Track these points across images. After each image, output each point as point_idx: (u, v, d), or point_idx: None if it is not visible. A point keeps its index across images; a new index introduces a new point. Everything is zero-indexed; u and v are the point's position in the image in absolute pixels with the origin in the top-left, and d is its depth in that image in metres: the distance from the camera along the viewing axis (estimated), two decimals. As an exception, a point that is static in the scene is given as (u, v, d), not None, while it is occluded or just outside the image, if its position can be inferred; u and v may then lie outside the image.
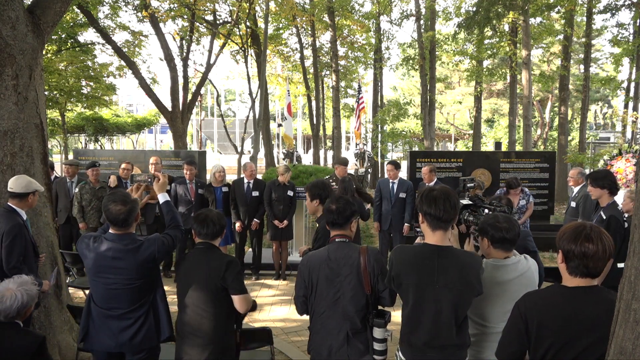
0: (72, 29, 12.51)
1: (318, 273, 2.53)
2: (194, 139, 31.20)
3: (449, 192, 2.25)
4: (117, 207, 2.64)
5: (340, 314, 2.49)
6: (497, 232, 2.49)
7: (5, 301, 2.36)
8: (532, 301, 1.89)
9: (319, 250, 2.66)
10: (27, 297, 2.43)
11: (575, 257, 1.77)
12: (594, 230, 1.78)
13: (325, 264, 2.53)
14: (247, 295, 2.67)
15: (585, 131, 16.04)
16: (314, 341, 2.58)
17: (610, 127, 31.27)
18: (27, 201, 3.26)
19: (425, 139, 15.58)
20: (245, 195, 6.64)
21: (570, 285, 1.82)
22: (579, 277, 1.80)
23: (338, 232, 2.61)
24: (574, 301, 1.79)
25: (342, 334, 2.49)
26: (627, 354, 1.53)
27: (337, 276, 2.50)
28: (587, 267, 1.77)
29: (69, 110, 16.79)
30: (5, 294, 2.37)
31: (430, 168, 6.51)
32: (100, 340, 2.73)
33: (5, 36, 3.34)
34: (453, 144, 37.53)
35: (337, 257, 2.52)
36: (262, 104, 12.28)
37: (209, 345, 2.63)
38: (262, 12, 13.41)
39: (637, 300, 1.53)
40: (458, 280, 2.18)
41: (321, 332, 2.54)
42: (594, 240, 1.74)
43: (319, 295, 2.53)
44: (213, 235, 2.72)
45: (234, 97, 47.18)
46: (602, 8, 15.48)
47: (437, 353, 2.22)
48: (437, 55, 17.54)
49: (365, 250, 2.53)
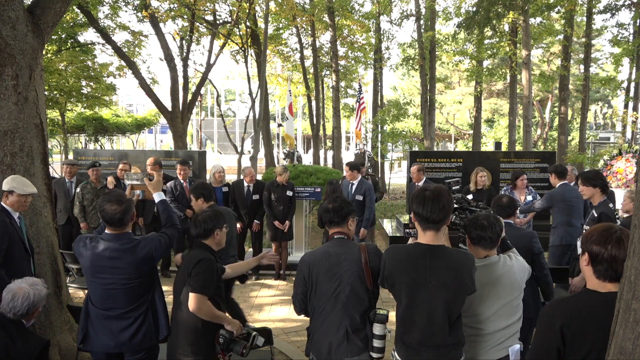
0: (72, 29, 12.50)
1: (318, 269, 2.54)
2: (194, 139, 31.20)
3: (441, 192, 2.22)
4: (112, 207, 2.65)
5: (340, 309, 2.49)
6: (475, 230, 2.50)
7: (17, 299, 2.45)
8: (567, 311, 1.75)
9: (319, 248, 2.68)
10: (37, 297, 2.53)
11: (605, 261, 1.70)
12: (625, 233, 1.71)
13: (325, 259, 2.54)
14: (200, 296, 2.54)
15: (585, 131, 16.06)
16: (314, 339, 2.58)
17: (610, 127, 31.27)
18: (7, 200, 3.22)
19: (425, 139, 15.58)
20: (246, 199, 6.66)
21: (603, 291, 1.74)
22: (608, 281, 1.72)
23: (336, 229, 2.63)
24: (610, 309, 1.69)
25: (342, 331, 2.49)
26: (627, 354, 1.53)
27: (338, 271, 2.51)
28: (616, 272, 1.69)
29: (69, 110, 16.77)
30: (18, 292, 2.47)
31: (418, 167, 6.50)
32: (100, 341, 2.73)
33: (5, 36, 3.34)
34: (453, 144, 37.55)
35: (338, 252, 2.54)
36: (262, 104, 12.28)
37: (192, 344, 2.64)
38: (262, 12, 13.41)
39: (637, 300, 1.53)
40: (451, 280, 2.18)
41: (321, 330, 2.54)
42: (624, 244, 1.67)
43: (319, 291, 2.54)
44: (202, 235, 2.77)
45: (234, 97, 47.19)
46: (602, 8, 15.50)
47: (432, 352, 2.22)
48: (437, 55, 17.54)
49: (365, 248, 2.54)
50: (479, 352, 2.47)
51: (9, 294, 2.49)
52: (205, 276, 2.58)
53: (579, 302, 1.77)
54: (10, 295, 2.48)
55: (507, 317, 2.47)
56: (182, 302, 2.67)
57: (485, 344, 2.45)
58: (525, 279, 2.55)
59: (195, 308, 2.53)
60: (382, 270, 2.36)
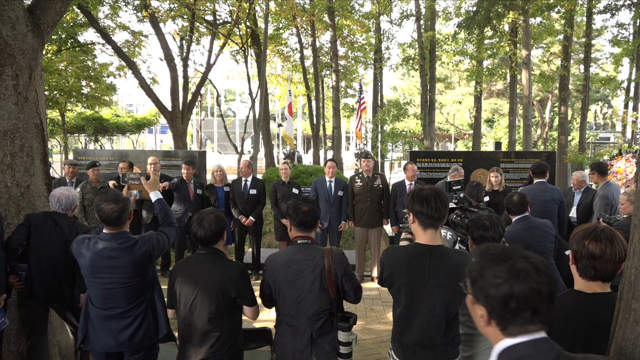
0: (72, 29, 12.50)
1: (281, 277, 2.52)
2: (194, 139, 31.19)
3: (439, 190, 2.27)
4: (109, 206, 2.64)
5: (303, 315, 2.49)
6: (477, 230, 2.51)
7: (61, 199, 3.48)
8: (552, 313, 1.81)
9: (280, 252, 2.64)
10: (73, 196, 3.58)
11: (583, 258, 1.73)
12: (605, 232, 1.73)
13: (287, 267, 2.52)
14: (257, 306, 2.63)
15: (585, 131, 16.05)
16: (279, 342, 2.58)
17: (610, 127, 31.26)
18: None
19: (425, 139, 15.58)
20: (242, 193, 6.64)
21: (588, 292, 1.75)
22: (592, 280, 1.74)
23: (302, 233, 2.56)
24: (595, 311, 1.71)
25: (306, 336, 2.49)
26: (627, 354, 1.53)
27: (299, 278, 2.49)
28: (595, 269, 1.71)
29: (69, 110, 16.77)
30: (60, 195, 3.49)
31: (415, 167, 6.59)
32: (100, 341, 2.72)
33: (5, 36, 3.33)
34: (453, 144, 37.55)
35: (300, 260, 2.51)
36: (262, 104, 12.28)
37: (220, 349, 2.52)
38: (262, 12, 13.41)
39: (637, 300, 1.53)
40: (450, 280, 2.18)
41: (285, 334, 2.54)
42: (602, 241, 1.70)
43: (282, 297, 2.53)
44: (211, 241, 2.56)
45: (234, 97, 47.20)
46: (602, 8, 15.50)
47: (429, 352, 2.22)
48: (437, 55, 17.54)
49: (329, 252, 2.51)
50: (476, 351, 2.47)
51: (53, 198, 3.47)
52: (251, 286, 2.63)
53: (565, 301, 1.79)
54: (55, 198, 3.47)
55: None
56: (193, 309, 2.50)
57: (481, 344, 2.46)
58: None
59: (255, 316, 2.65)
60: (381, 271, 2.36)
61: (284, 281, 2.51)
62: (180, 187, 6.53)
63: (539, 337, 1.19)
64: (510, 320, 1.18)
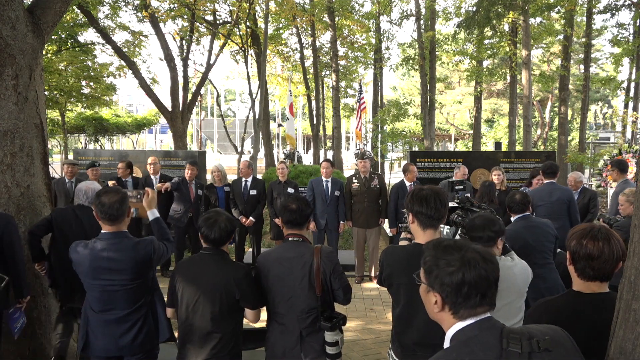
0: (72, 29, 12.51)
1: (271, 275, 2.53)
2: (194, 139, 31.19)
3: (438, 190, 2.26)
4: (109, 197, 2.62)
5: (293, 313, 2.50)
6: (471, 231, 2.51)
7: (88, 192, 3.65)
8: (554, 309, 1.79)
9: (271, 250, 2.67)
10: (97, 189, 3.53)
11: (581, 258, 1.72)
12: (601, 232, 1.72)
13: (278, 265, 2.53)
14: (259, 310, 2.61)
15: (585, 131, 16.06)
16: (269, 339, 2.59)
17: (610, 127, 31.24)
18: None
19: (425, 139, 15.58)
20: (243, 194, 6.64)
21: (587, 292, 1.75)
22: (590, 280, 1.73)
23: (294, 231, 2.59)
24: (595, 311, 1.70)
25: (296, 334, 2.50)
26: (627, 354, 1.53)
27: (290, 275, 2.51)
28: (593, 269, 1.71)
29: (69, 110, 16.78)
30: (87, 188, 3.68)
31: (415, 168, 6.59)
32: (101, 346, 2.69)
33: (5, 36, 3.33)
34: (453, 144, 37.56)
35: (290, 257, 2.52)
36: (262, 104, 12.27)
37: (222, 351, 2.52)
38: (262, 12, 13.41)
39: (637, 300, 1.53)
40: None
41: (275, 332, 2.56)
42: (600, 241, 1.69)
43: (273, 295, 2.54)
44: (224, 242, 2.57)
45: (234, 97, 47.20)
46: (602, 8, 15.51)
47: (428, 352, 2.21)
48: (437, 55, 17.55)
49: (319, 251, 2.52)
50: None
51: (80, 191, 3.67)
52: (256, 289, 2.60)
53: (564, 302, 1.79)
54: (82, 192, 3.67)
55: (506, 319, 2.46)
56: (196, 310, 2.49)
57: None
58: (527, 281, 2.53)
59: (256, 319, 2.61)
60: (380, 271, 2.36)
61: (275, 278, 2.52)
62: (181, 187, 6.52)
63: (483, 317, 1.32)
64: (462, 304, 1.31)
